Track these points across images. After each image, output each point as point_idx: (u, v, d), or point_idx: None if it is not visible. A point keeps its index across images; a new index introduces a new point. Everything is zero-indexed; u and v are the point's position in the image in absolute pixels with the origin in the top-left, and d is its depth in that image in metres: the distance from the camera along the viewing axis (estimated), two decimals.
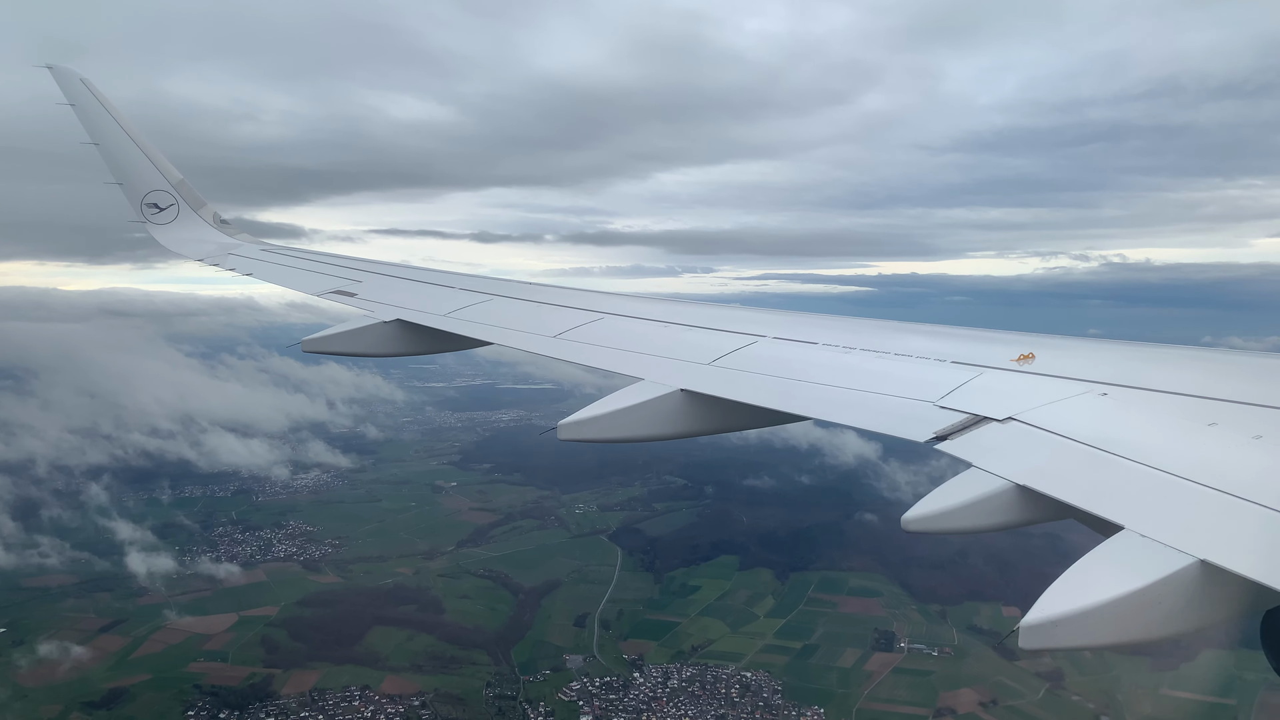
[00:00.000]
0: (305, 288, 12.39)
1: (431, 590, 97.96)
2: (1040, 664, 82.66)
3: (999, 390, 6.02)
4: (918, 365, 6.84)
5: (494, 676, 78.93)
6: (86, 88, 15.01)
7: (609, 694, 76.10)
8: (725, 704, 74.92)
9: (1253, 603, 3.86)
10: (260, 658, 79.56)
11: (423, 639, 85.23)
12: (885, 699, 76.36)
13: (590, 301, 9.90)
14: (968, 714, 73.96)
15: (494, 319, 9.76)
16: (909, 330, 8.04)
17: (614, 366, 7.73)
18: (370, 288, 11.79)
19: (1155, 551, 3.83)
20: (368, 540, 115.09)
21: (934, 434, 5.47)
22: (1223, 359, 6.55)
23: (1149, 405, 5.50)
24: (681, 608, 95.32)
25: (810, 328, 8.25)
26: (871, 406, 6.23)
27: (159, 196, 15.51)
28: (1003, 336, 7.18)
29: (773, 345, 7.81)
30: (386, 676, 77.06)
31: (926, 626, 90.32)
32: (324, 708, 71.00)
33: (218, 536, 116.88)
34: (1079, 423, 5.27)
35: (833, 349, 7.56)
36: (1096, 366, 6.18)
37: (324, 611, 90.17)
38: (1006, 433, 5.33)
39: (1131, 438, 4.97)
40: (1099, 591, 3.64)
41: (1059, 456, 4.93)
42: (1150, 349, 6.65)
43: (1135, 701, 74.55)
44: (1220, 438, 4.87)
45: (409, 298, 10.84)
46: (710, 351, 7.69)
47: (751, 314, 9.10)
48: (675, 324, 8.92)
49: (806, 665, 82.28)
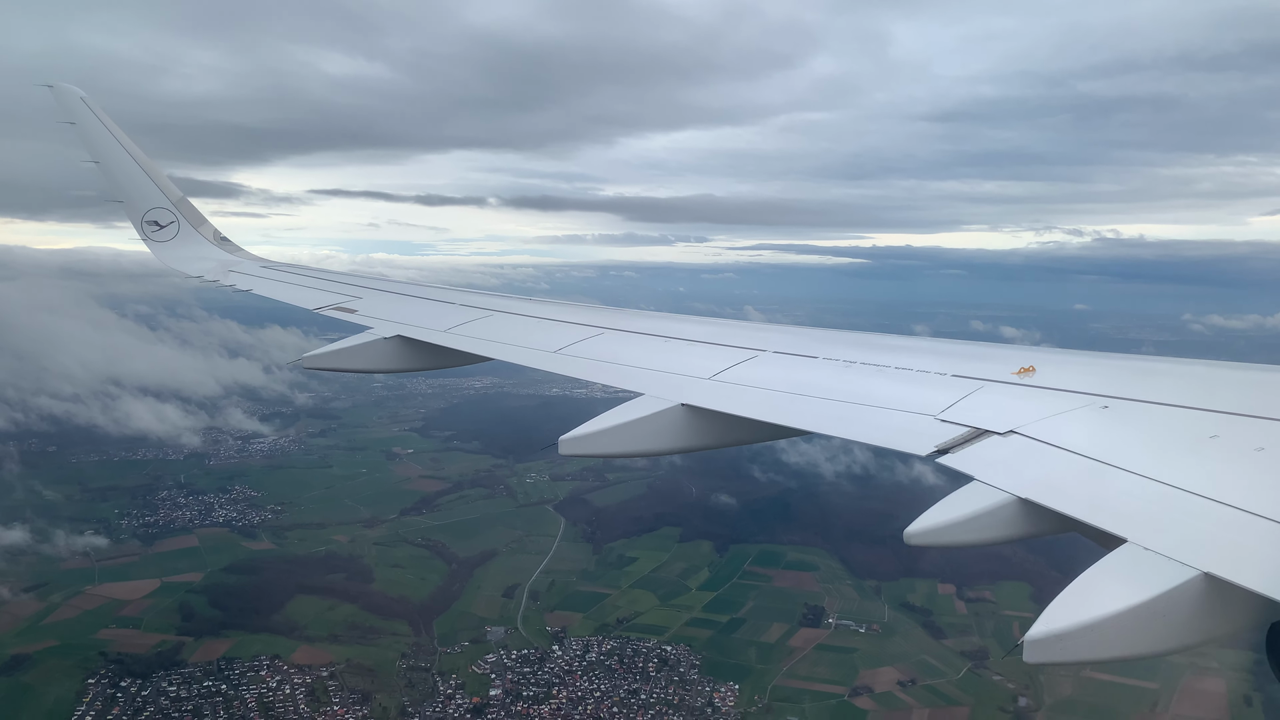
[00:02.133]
0: (304, 304, 12.46)
1: (364, 559, 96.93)
2: (966, 643, 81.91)
3: (1000, 404, 6.09)
4: (918, 379, 6.92)
5: (411, 648, 77.97)
6: (86, 106, 14.97)
7: (524, 667, 75.16)
8: (641, 678, 74.01)
9: (1258, 615, 3.91)
10: (175, 625, 78.54)
11: (345, 609, 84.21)
12: (804, 676, 75.40)
13: (590, 316, 10.10)
14: (884, 693, 73.01)
15: (494, 334, 9.87)
16: (909, 345, 8.24)
17: (615, 381, 7.80)
18: (370, 304, 11.87)
19: (1159, 565, 3.85)
20: (310, 507, 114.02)
21: (935, 448, 5.51)
22: (1222, 372, 6.58)
23: (1150, 418, 5.57)
24: (615, 579, 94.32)
25: (810, 342, 8.40)
26: (872, 421, 6.29)
27: (159, 214, 15.57)
28: (1003, 352, 7.32)
29: (773, 360, 7.92)
30: (300, 646, 76.07)
31: (859, 602, 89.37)
32: (229, 677, 69.98)
33: (160, 500, 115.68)
34: (1080, 436, 5.33)
35: (833, 363, 7.66)
36: (1097, 380, 6.29)
37: (248, 579, 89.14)
38: (1008, 446, 5.40)
39: (1133, 450, 5.02)
40: (1103, 605, 3.66)
41: (1061, 470, 4.99)
42: (1151, 362, 6.87)
43: (1057, 683, 73.61)
44: (1222, 450, 4.93)
45: (409, 313, 10.95)
46: (711, 366, 7.78)
47: (751, 329, 9.31)
48: (675, 339, 9.06)
49: (729, 640, 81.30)
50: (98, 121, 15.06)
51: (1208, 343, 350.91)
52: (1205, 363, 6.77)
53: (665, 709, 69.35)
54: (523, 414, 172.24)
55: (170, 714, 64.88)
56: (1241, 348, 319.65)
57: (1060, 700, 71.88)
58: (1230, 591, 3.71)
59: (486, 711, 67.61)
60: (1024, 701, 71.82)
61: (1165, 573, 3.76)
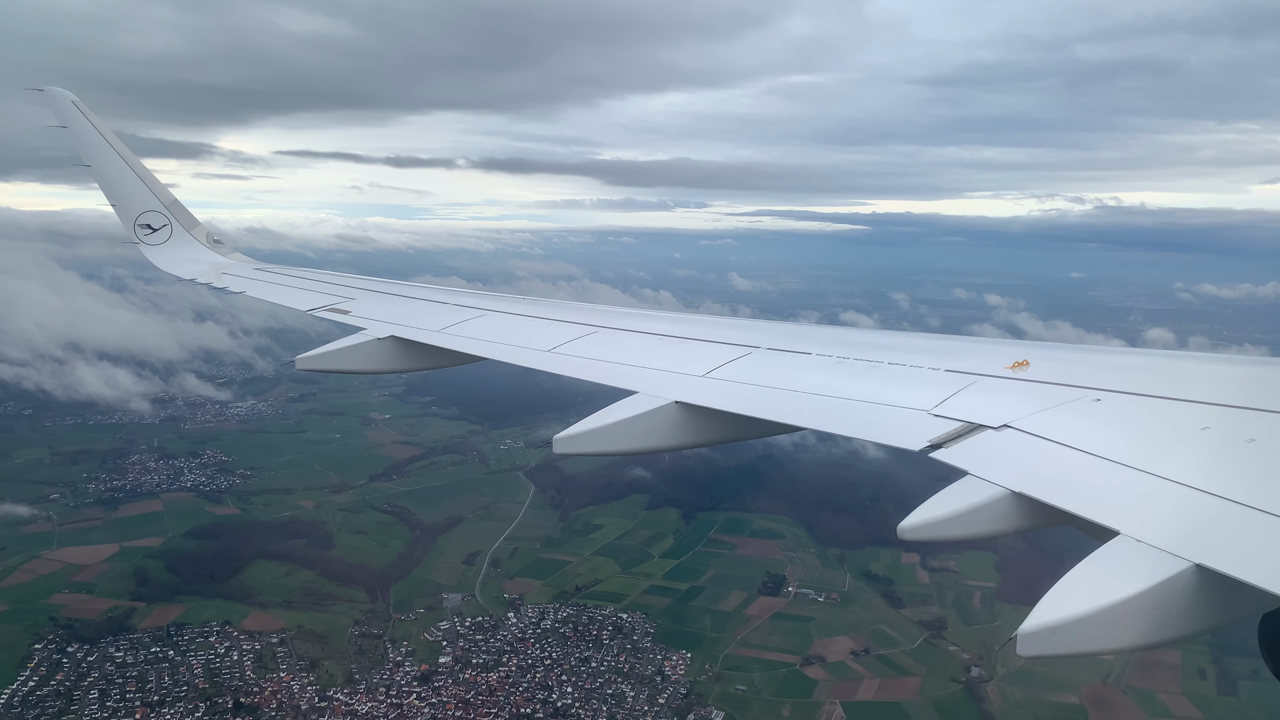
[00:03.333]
0: (297, 305, 12.49)
1: (326, 525, 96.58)
2: (925, 612, 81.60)
3: (993, 398, 6.14)
4: (911, 375, 6.96)
5: (365, 615, 77.72)
6: (78, 110, 15.05)
7: (477, 634, 74.91)
8: (594, 646, 73.76)
9: (1250, 607, 3.96)
10: (129, 590, 78.26)
11: (302, 575, 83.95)
12: (757, 645, 75.14)
13: (583, 315, 10.14)
14: (836, 662, 72.74)
15: (487, 334, 9.96)
16: (902, 341, 8.28)
17: (608, 380, 7.78)
18: (363, 305, 11.95)
19: (1151, 557, 3.88)
20: (280, 472, 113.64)
21: (929, 442, 5.54)
22: (1214, 364, 6.64)
23: (1142, 411, 5.61)
24: (578, 547, 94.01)
25: (803, 338, 8.48)
26: (865, 416, 6.34)
27: (152, 217, 15.63)
28: (996, 345, 7.44)
29: (766, 356, 7.97)
30: (254, 612, 75.84)
31: (821, 571, 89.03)
32: (177, 644, 69.75)
33: (130, 465, 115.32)
34: (1073, 429, 5.37)
35: (826, 359, 7.69)
36: (1090, 373, 6.38)
37: (208, 544, 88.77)
38: (1002, 440, 5.43)
39: (1125, 443, 5.06)
40: (1096, 598, 3.68)
41: (1054, 463, 5.03)
42: (1142, 355, 6.99)
43: (1011, 655, 73.10)
44: (1213, 442, 4.96)
45: (402, 314, 11.06)
46: (704, 364, 7.81)
47: (745, 325, 9.35)
48: (668, 336, 9.10)
49: (686, 608, 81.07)
50: (89, 125, 15.10)
51: (1195, 311, 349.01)
52: (1196, 355, 6.80)
53: (614, 677, 69.10)
54: (504, 381, 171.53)
55: (115, 680, 64.67)
56: (1229, 317, 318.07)
57: (1013, 671, 71.62)
58: (1222, 583, 3.75)
59: (433, 679, 67.35)
60: (976, 672, 71.57)
61: (1158, 565, 3.80)
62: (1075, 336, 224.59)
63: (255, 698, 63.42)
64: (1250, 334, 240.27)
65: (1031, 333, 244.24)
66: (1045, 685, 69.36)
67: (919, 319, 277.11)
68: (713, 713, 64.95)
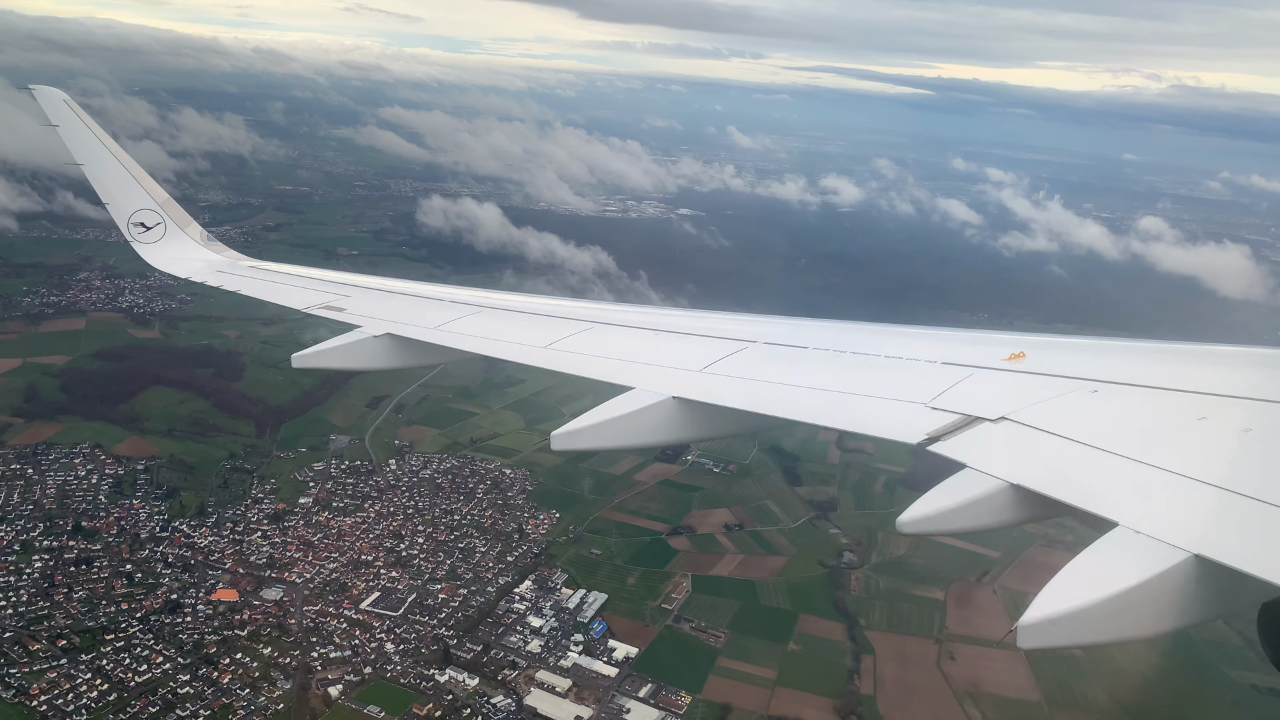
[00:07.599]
0: (293, 304, 12.38)
1: (242, 357, 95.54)
2: (822, 493, 78.88)
3: (990, 390, 6.25)
4: (909, 367, 7.08)
5: (245, 449, 76.96)
6: (70, 108, 14.88)
7: (349, 478, 73.91)
8: (466, 499, 72.38)
9: (1248, 596, 3.96)
10: (13, 407, 78.12)
11: (196, 404, 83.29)
12: (631, 510, 73.28)
13: (578, 311, 10.17)
14: (704, 534, 70.65)
15: (483, 331, 9.92)
16: (899, 332, 8.30)
17: (606, 376, 7.79)
18: (358, 303, 11.79)
19: (1150, 548, 3.89)
20: (219, 298, 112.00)
21: (926, 435, 5.66)
22: (1209, 353, 6.65)
23: (1138, 401, 5.73)
24: (493, 399, 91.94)
25: (800, 332, 8.66)
26: (862, 410, 6.43)
27: (145, 215, 15.46)
28: (993, 337, 7.53)
29: (763, 350, 8.08)
30: (130, 437, 75.38)
31: (730, 441, 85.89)
32: (40, 462, 69.62)
33: (76, 281, 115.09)
34: (1070, 420, 5.46)
35: (823, 352, 7.83)
36: (1086, 364, 6.49)
37: (111, 365, 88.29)
38: (999, 432, 5.53)
39: (1122, 434, 5.13)
40: (1095, 589, 3.70)
41: (1052, 455, 5.11)
42: (1138, 345, 7.01)
43: (891, 544, 70.51)
44: (1210, 432, 5.04)
45: (398, 312, 10.92)
46: (701, 359, 7.89)
47: (742, 320, 9.30)
48: (666, 331, 9.22)
49: (575, 468, 79.00)
50: (81, 124, 14.97)
51: (1228, 204, 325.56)
52: (1191, 345, 6.75)
53: (471, 530, 67.84)
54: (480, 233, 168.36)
55: None
56: (1265, 210, 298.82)
57: (888, 560, 68.95)
58: (1221, 573, 3.78)
59: (285, 519, 66.59)
60: (848, 558, 69.01)
61: (1156, 556, 3.82)
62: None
63: (98, 522, 63.17)
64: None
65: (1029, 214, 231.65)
66: (914, 578, 66.61)
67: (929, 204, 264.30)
68: (557, 574, 63.53)
